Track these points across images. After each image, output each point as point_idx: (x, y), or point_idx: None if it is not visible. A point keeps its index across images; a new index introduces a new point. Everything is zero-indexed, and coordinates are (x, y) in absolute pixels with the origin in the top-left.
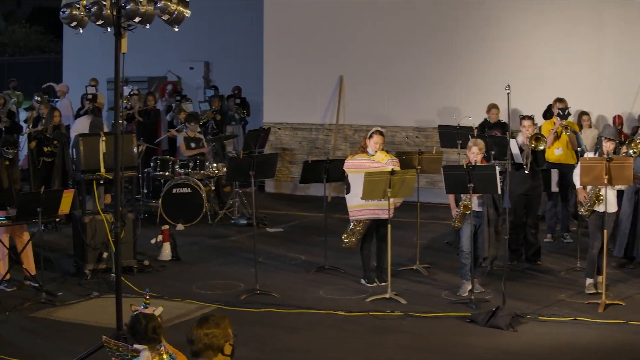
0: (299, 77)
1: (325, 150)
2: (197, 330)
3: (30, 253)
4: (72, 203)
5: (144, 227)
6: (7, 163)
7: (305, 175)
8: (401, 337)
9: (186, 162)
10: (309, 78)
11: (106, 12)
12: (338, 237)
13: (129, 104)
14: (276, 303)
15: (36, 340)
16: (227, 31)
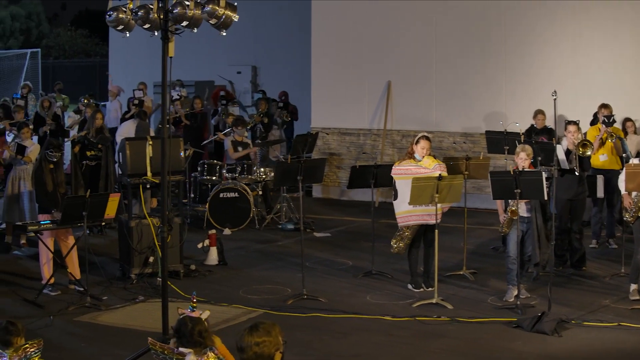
0: (347, 81)
1: (372, 155)
2: (247, 338)
3: (75, 257)
4: (118, 207)
5: (190, 231)
6: (52, 166)
7: (353, 181)
8: (447, 342)
9: (233, 167)
10: (357, 83)
11: (153, 16)
12: (385, 242)
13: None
14: (323, 308)
15: (80, 345)
16: (274, 35)
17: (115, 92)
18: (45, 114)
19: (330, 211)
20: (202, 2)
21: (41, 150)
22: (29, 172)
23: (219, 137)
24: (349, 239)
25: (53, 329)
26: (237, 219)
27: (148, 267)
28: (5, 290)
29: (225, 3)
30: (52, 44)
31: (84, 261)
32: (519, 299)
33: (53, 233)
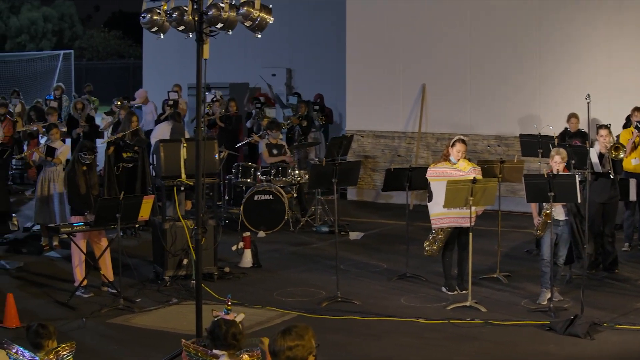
0: (382, 84)
1: (407, 158)
2: (280, 342)
3: (109, 259)
4: (152, 209)
5: (225, 233)
6: (85, 168)
7: (388, 183)
8: (480, 345)
9: (268, 169)
10: (391, 85)
11: (188, 18)
12: (420, 245)
13: (211, 110)
14: (357, 310)
15: (113, 347)
16: (309, 37)
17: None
18: (79, 115)
19: (365, 214)
20: (237, 4)
21: (74, 153)
22: (58, 174)
23: (253, 140)
24: (384, 241)
25: (85, 331)
26: (272, 222)
27: (182, 269)
28: (38, 292)
29: (260, 5)
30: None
31: (118, 263)
32: (551, 301)
33: (86, 235)
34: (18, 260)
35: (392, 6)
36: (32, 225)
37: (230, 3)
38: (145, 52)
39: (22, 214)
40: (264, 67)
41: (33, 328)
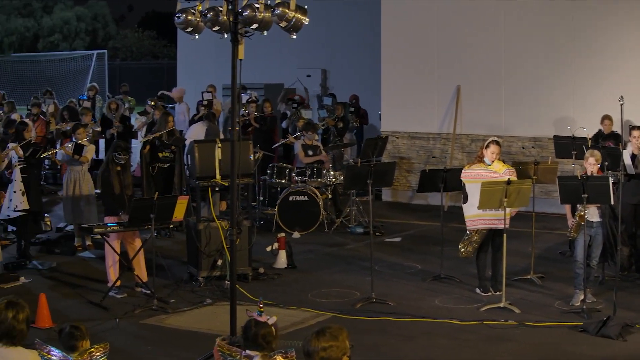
0: (417, 85)
1: (442, 159)
2: (314, 343)
3: (142, 260)
4: (187, 209)
5: (259, 234)
6: (119, 168)
7: (423, 184)
8: (514, 346)
9: (303, 170)
10: (426, 86)
11: (222, 18)
12: (454, 246)
13: (246, 110)
14: (391, 312)
15: (146, 347)
16: (344, 38)
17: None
18: (113, 116)
19: (400, 215)
20: (272, 4)
21: (108, 152)
22: (84, 174)
23: (288, 141)
24: (418, 242)
25: (119, 331)
26: (307, 222)
27: (216, 270)
28: (71, 292)
29: (295, 6)
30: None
31: (151, 264)
32: (584, 303)
33: (119, 235)
34: (51, 261)
35: (427, 6)
36: (65, 225)
37: (265, 4)
38: (180, 52)
39: (55, 214)
40: (299, 68)
41: (66, 330)
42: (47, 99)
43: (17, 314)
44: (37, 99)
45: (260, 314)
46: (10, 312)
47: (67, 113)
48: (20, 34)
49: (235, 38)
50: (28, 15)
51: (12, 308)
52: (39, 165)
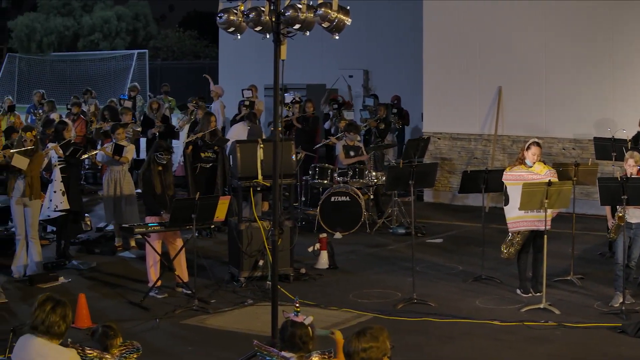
0: (459, 86)
1: (483, 160)
2: (355, 343)
3: (184, 260)
4: (228, 210)
5: (301, 235)
6: (160, 168)
7: (464, 185)
8: (554, 347)
9: (345, 171)
10: (468, 88)
11: (265, 18)
12: (495, 247)
13: (290, 111)
14: (432, 312)
15: (187, 348)
16: (386, 38)
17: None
18: (154, 115)
19: (441, 216)
20: (314, 5)
21: (150, 152)
22: (124, 174)
23: (330, 142)
24: (460, 243)
25: (159, 332)
26: (348, 223)
27: (257, 270)
28: (110, 292)
29: (337, 6)
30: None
31: (192, 264)
32: (624, 304)
33: (161, 235)
34: (91, 261)
35: (469, 6)
36: (105, 225)
37: (307, 4)
38: (221, 52)
39: (95, 214)
40: (341, 69)
41: (99, 331)
42: (90, 99)
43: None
44: (77, 98)
45: (297, 314)
46: (48, 304)
47: (108, 113)
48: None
49: (277, 38)
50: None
51: (51, 301)
52: (79, 165)
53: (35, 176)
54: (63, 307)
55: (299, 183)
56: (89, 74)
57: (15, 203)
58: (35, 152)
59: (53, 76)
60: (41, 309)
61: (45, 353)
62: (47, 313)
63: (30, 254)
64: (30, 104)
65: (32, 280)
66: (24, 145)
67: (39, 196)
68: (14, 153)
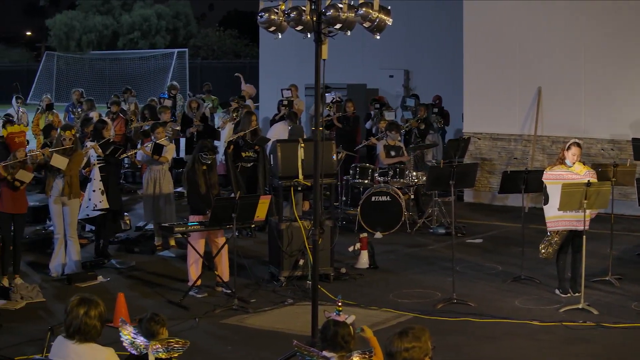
0: (499, 86)
1: (523, 160)
2: (397, 343)
3: (225, 259)
4: (269, 209)
5: (341, 234)
6: (205, 168)
7: (504, 186)
8: (592, 348)
9: (386, 171)
10: (508, 88)
11: (306, 18)
12: (534, 248)
13: (330, 110)
14: (472, 312)
15: (226, 347)
16: (427, 38)
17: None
18: (193, 115)
19: (481, 216)
20: (355, 4)
21: (194, 152)
22: (164, 173)
23: (371, 142)
24: (499, 243)
25: (198, 331)
26: (389, 223)
27: (298, 269)
28: (150, 291)
29: (379, 6)
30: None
31: (233, 263)
32: None
33: (203, 234)
34: (130, 260)
35: (509, 6)
36: (145, 224)
37: (348, 4)
38: (262, 51)
39: (135, 213)
40: (382, 68)
41: (147, 317)
42: (129, 98)
43: (88, 310)
44: (117, 97)
45: (339, 313)
46: (81, 308)
47: (148, 112)
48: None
49: (318, 38)
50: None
51: (83, 304)
52: (118, 164)
53: (75, 175)
54: (95, 308)
55: (339, 183)
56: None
57: (53, 202)
58: (74, 152)
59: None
60: (73, 313)
61: (81, 352)
62: (82, 318)
63: (69, 253)
64: (69, 103)
65: (71, 280)
66: (63, 145)
67: (78, 195)
68: (53, 152)
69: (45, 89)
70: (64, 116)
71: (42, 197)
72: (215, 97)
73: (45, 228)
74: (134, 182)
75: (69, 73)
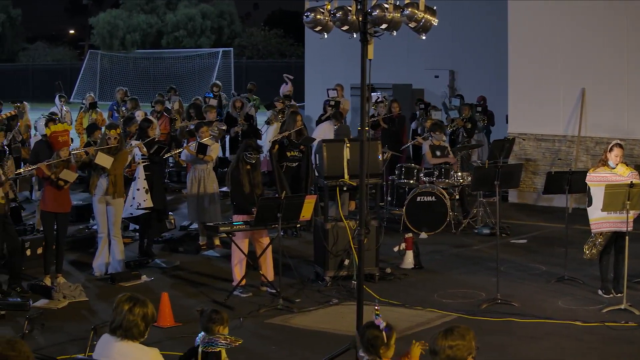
0: (543, 87)
1: (567, 161)
2: (441, 341)
3: (270, 259)
4: (314, 209)
5: (387, 234)
6: (249, 167)
7: (549, 186)
8: (634, 348)
9: (431, 171)
10: (552, 89)
11: (352, 18)
12: (578, 248)
13: (376, 111)
14: (516, 312)
15: (271, 347)
16: (472, 38)
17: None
18: (237, 114)
19: (525, 216)
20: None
21: (238, 151)
22: (209, 173)
23: (417, 142)
24: (543, 244)
25: (243, 331)
26: (434, 223)
27: (343, 269)
28: (194, 291)
29: (424, 6)
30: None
31: (278, 263)
32: None
33: (247, 234)
34: (174, 259)
35: (553, 7)
36: (189, 224)
37: (394, 4)
38: (308, 51)
39: (179, 212)
40: (427, 69)
41: (206, 312)
42: (173, 96)
43: (133, 307)
44: (162, 96)
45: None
46: (127, 304)
47: (194, 111)
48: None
49: (364, 38)
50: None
51: (130, 301)
52: (163, 163)
53: (119, 174)
54: (142, 307)
55: (385, 183)
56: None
57: (97, 201)
58: (119, 150)
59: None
60: (119, 310)
61: (126, 352)
62: (125, 314)
63: (113, 252)
64: (113, 102)
65: (114, 279)
66: (107, 143)
67: (122, 194)
68: (97, 151)
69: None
70: (108, 115)
71: (86, 195)
72: (256, 96)
73: (88, 227)
74: (178, 182)
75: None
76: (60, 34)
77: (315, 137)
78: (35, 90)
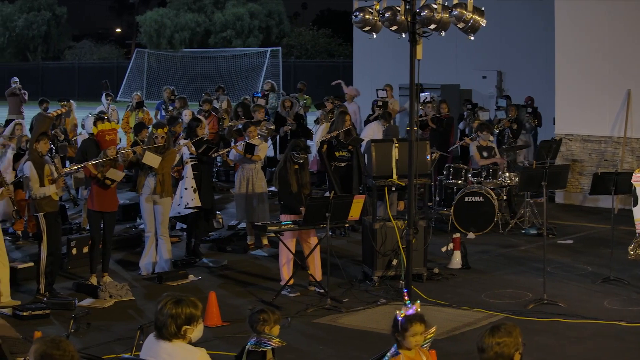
0: (590, 88)
1: (613, 162)
2: (489, 338)
3: (317, 258)
4: (363, 209)
5: (435, 234)
6: (297, 167)
7: (595, 187)
8: None
9: (479, 171)
10: (598, 90)
11: (400, 18)
12: (624, 249)
13: (423, 111)
14: (562, 313)
15: (318, 347)
16: (520, 39)
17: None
18: (287, 114)
19: (572, 217)
20: (449, 5)
21: (286, 151)
22: (257, 172)
23: (465, 142)
24: (589, 244)
25: (290, 330)
26: (482, 223)
27: (391, 269)
28: (242, 290)
29: (473, 7)
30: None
31: (326, 263)
32: None
33: (295, 234)
34: (222, 259)
35: (600, 7)
36: (237, 223)
37: (443, 4)
38: (356, 51)
39: (227, 212)
40: (475, 70)
41: (254, 311)
42: (221, 96)
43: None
44: (209, 95)
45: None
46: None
47: (242, 110)
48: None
49: (413, 38)
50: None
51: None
52: (211, 162)
53: (167, 173)
54: (186, 307)
55: (433, 183)
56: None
57: (145, 200)
58: (166, 150)
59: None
60: (162, 310)
61: (173, 352)
62: (156, 313)
63: (160, 251)
64: (160, 101)
65: (161, 278)
66: (155, 143)
67: (170, 194)
68: (145, 150)
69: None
70: (155, 114)
71: (133, 195)
72: (308, 96)
73: (135, 226)
74: (227, 181)
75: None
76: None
77: (363, 137)
78: (82, 88)
